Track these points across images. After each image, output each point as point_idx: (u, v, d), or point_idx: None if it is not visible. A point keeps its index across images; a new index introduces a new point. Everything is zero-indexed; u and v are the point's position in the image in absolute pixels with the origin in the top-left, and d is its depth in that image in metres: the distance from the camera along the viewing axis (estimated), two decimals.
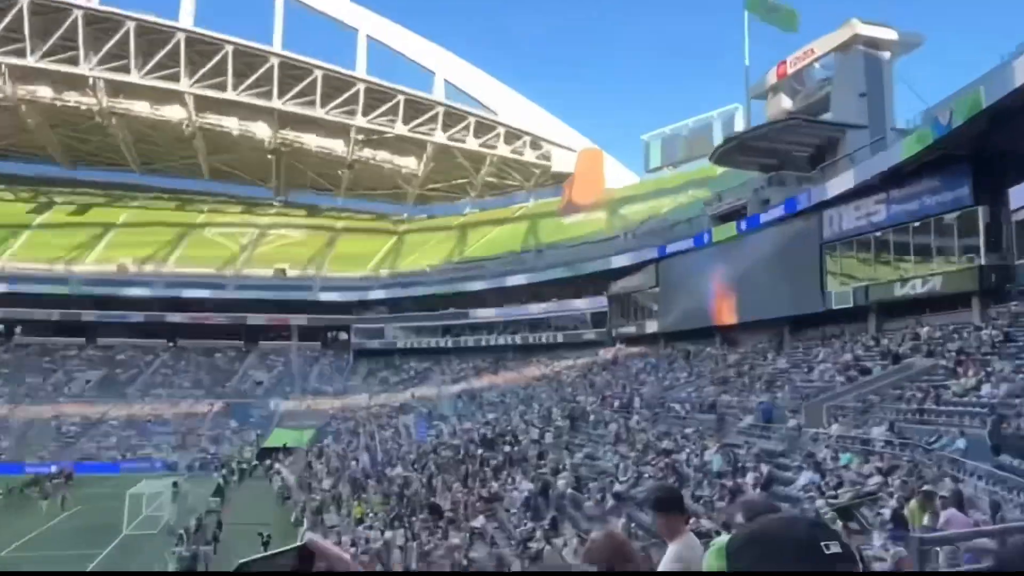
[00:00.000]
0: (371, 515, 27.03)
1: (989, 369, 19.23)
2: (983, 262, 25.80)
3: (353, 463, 38.46)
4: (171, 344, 66.18)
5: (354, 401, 58.08)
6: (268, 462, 46.98)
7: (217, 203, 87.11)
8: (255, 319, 65.42)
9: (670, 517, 2.99)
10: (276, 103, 70.99)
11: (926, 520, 11.15)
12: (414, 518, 24.45)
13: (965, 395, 18.43)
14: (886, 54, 36.17)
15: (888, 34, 35.93)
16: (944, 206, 27.01)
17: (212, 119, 75.26)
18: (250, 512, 32.17)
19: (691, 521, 15.41)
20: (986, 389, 17.91)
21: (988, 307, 25.82)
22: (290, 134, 76.95)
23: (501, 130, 75.63)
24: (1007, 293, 25.36)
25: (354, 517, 27.89)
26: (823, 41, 38.33)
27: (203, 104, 73.25)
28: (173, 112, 74.95)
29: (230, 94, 69.64)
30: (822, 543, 1.21)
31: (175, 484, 34.60)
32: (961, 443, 15.02)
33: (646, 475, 21.47)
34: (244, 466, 46.73)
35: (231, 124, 75.27)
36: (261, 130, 76.39)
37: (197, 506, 32.08)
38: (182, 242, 75.78)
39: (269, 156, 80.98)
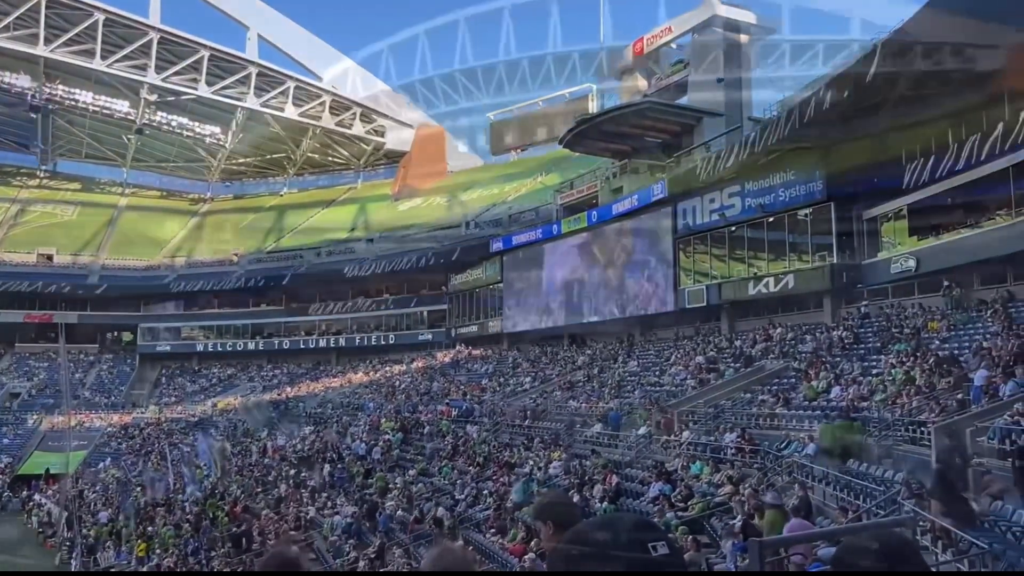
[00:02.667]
0: (159, 551, 25.71)
1: (839, 371, 21.12)
2: (835, 261, 28.32)
3: (138, 490, 36.58)
4: None
5: (139, 415, 54.97)
6: (25, 493, 43.85)
7: None
8: (9, 315, 60.84)
9: (559, 529, 2.77)
10: (42, 49, 65.20)
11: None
12: (213, 552, 23.52)
13: (815, 398, 20.12)
14: (744, 38, 38.74)
15: (747, 16, 38.52)
16: (797, 200, 29.33)
17: None
18: None
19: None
20: (835, 392, 19.65)
21: (839, 307, 28.44)
22: (60, 89, 70.91)
23: (327, 98, 73.66)
24: (858, 293, 27.97)
25: (136, 555, 26.50)
26: (681, 20, 40.48)
27: None
28: None
29: None
30: (649, 544, 1.25)
31: None
32: (811, 448, 16.34)
33: (486, 492, 21.74)
34: None
35: None
36: (22, 82, 69.82)
37: None
38: None
39: (32, 115, 74.35)
